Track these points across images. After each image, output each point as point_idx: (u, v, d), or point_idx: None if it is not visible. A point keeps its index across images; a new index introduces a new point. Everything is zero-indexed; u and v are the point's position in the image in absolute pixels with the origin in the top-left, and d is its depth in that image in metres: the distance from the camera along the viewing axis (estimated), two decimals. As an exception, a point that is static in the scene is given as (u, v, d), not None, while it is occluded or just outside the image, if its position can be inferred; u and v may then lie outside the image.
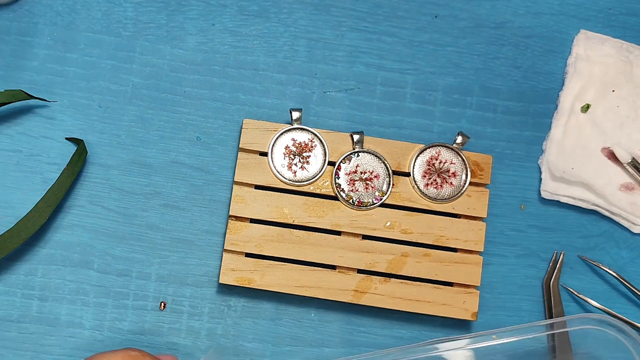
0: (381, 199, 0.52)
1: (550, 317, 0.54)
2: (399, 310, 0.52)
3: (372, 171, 0.53)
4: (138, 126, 0.55)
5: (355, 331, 0.54)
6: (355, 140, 0.53)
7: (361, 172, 0.53)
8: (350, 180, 0.52)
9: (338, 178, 0.52)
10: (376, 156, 0.53)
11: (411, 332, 0.54)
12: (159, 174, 0.55)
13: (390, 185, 0.53)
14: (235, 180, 0.52)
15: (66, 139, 0.54)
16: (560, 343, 0.50)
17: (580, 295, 0.55)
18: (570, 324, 0.49)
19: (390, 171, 0.53)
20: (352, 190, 0.52)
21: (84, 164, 0.54)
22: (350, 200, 0.52)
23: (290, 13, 0.57)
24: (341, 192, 0.52)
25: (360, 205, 0.52)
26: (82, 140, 0.53)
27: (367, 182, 0.52)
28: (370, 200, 0.52)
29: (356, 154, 0.53)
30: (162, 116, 0.55)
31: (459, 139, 0.53)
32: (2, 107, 0.54)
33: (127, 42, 0.56)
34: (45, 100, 0.53)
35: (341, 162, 0.53)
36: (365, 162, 0.53)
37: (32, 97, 0.52)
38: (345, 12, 0.57)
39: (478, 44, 0.58)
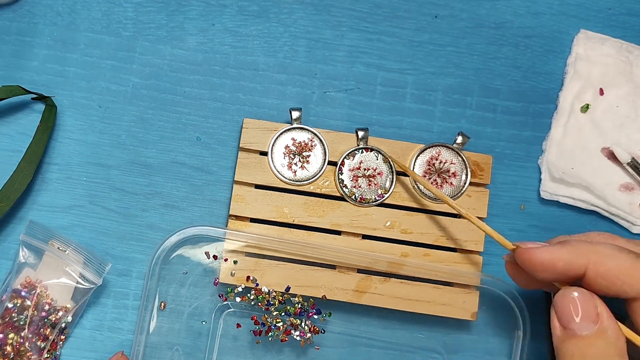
0: (384, 197, 0.52)
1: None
2: (399, 310, 0.52)
3: (376, 168, 0.53)
4: (138, 126, 0.55)
5: (355, 331, 0.54)
6: (360, 136, 0.53)
7: (365, 169, 0.53)
8: (354, 176, 0.52)
9: (341, 174, 0.52)
10: (380, 153, 0.53)
11: (411, 332, 0.54)
12: (159, 174, 0.55)
13: (394, 184, 0.53)
14: (235, 179, 0.52)
15: (32, 99, 0.54)
16: None
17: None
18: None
19: (394, 169, 0.53)
20: (354, 187, 0.52)
21: (85, 164, 0.54)
22: (353, 197, 0.52)
23: (290, 13, 0.57)
24: (344, 188, 0.52)
25: (362, 201, 0.52)
26: (49, 97, 0.53)
27: (370, 179, 0.52)
28: (373, 197, 0.52)
29: (360, 151, 0.53)
30: (162, 116, 0.55)
31: (459, 139, 0.53)
32: (1, 105, 0.54)
33: (127, 42, 0.56)
34: (43, 96, 0.53)
35: (345, 157, 0.53)
36: (370, 159, 0.53)
37: (29, 92, 0.52)
38: (345, 12, 0.57)
39: (478, 44, 0.58)
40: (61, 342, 0.52)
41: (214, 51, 0.56)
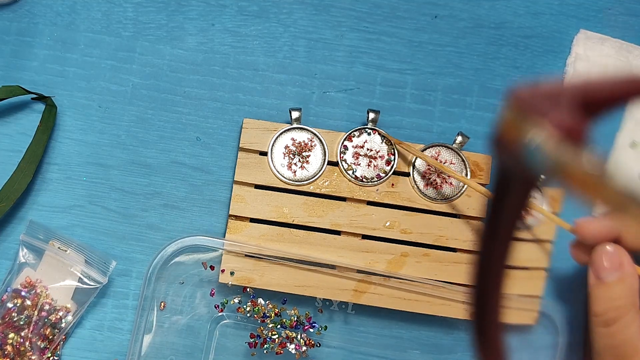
0: (382, 177, 0.52)
1: (550, 317, 0.55)
2: (398, 310, 0.52)
3: (379, 151, 0.53)
4: (138, 126, 0.55)
5: (354, 331, 0.54)
6: (370, 118, 0.53)
7: (368, 149, 0.53)
8: (355, 153, 0.53)
9: (346, 149, 0.53)
10: (386, 138, 0.53)
11: (410, 332, 0.54)
12: (159, 174, 0.55)
13: (393, 168, 0.53)
14: (235, 179, 0.52)
15: (32, 99, 0.54)
16: None
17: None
18: None
19: (397, 155, 0.52)
20: (354, 163, 0.52)
21: (85, 164, 0.54)
22: (350, 171, 0.52)
23: (290, 13, 0.57)
24: (343, 162, 0.52)
25: (363, 180, 0.52)
26: (49, 97, 0.53)
27: (371, 159, 0.53)
28: (372, 176, 0.52)
29: (368, 132, 0.53)
30: (162, 116, 0.55)
31: (459, 139, 0.53)
32: (1, 105, 0.54)
33: (127, 42, 0.56)
34: (43, 96, 0.53)
35: (352, 133, 0.53)
36: (375, 140, 0.53)
37: (29, 92, 0.52)
38: (345, 12, 0.57)
39: (478, 44, 0.58)
40: (61, 342, 0.52)
41: (214, 51, 0.56)
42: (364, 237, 0.53)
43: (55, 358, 0.51)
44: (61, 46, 0.55)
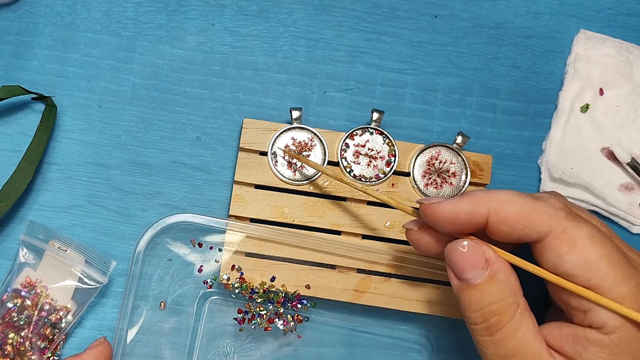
0: (380, 178, 0.52)
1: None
2: (398, 310, 0.52)
3: (380, 151, 0.53)
4: (138, 126, 0.55)
5: (355, 331, 0.54)
6: (374, 117, 0.53)
7: (369, 149, 0.53)
8: (356, 152, 0.53)
9: (347, 147, 0.52)
10: (389, 139, 0.53)
11: (411, 332, 0.54)
12: (159, 174, 0.55)
13: (393, 169, 0.52)
14: (235, 179, 0.52)
15: (32, 99, 0.54)
16: None
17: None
18: None
19: (397, 157, 0.52)
20: (354, 162, 0.52)
21: (85, 164, 0.54)
22: (349, 169, 0.52)
23: (290, 13, 0.57)
24: (343, 160, 0.52)
25: (362, 179, 0.52)
26: (49, 97, 0.53)
27: (371, 159, 0.53)
28: (371, 176, 0.52)
29: (371, 131, 0.53)
30: (162, 116, 0.55)
31: (459, 139, 0.53)
32: (1, 105, 0.54)
33: (127, 42, 0.56)
34: (43, 96, 0.53)
35: (354, 132, 0.53)
36: (377, 141, 0.53)
37: (29, 92, 0.52)
38: (345, 12, 0.57)
39: (478, 44, 0.58)
40: (62, 342, 0.52)
41: (214, 51, 0.56)
42: (364, 237, 0.53)
43: (56, 358, 0.51)
44: (61, 46, 0.55)
